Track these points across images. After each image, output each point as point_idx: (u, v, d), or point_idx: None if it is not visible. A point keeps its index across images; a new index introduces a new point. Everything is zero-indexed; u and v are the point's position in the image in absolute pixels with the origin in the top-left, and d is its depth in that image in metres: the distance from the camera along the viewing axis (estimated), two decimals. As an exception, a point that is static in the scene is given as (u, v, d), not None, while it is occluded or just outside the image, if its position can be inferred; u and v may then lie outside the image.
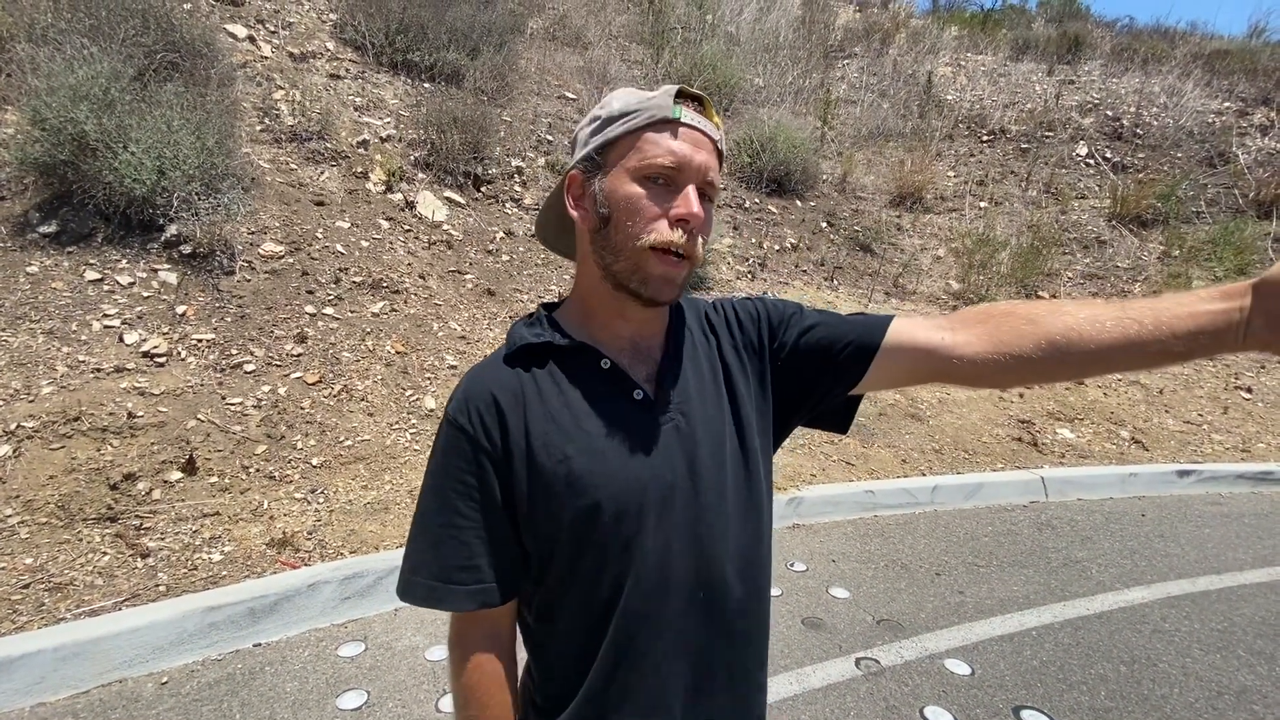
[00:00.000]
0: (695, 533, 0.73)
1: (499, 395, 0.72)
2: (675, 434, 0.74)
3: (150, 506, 2.75)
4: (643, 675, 0.73)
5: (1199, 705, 2.27)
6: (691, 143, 0.69)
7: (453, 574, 0.71)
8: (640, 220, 0.68)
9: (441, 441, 0.74)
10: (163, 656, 2.19)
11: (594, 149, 0.72)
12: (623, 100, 0.72)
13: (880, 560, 3.14)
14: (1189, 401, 5.30)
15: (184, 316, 3.56)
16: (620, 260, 0.70)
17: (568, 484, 0.70)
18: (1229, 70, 9.83)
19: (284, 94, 5.08)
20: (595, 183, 0.72)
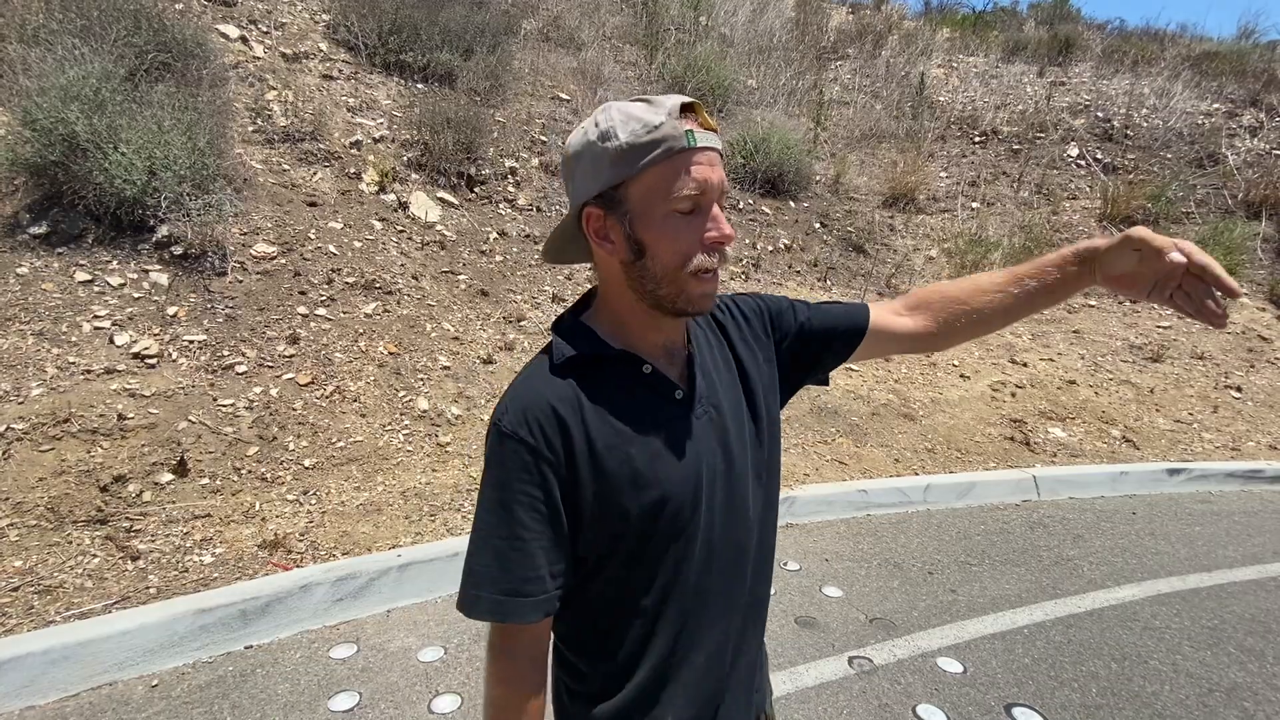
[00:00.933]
0: (731, 509, 0.83)
1: (557, 405, 0.75)
2: (710, 425, 0.82)
3: (141, 508, 2.74)
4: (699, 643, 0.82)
5: (1189, 702, 2.29)
6: (707, 163, 0.72)
7: (520, 587, 0.74)
8: (679, 253, 0.73)
9: (500, 455, 0.75)
10: (153, 659, 2.17)
11: (609, 185, 0.73)
12: (628, 130, 0.71)
13: (873, 559, 3.15)
14: (1179, 400, 5.34)
15: (175, 318, 3.54)
16: (663, 287, 0.75)
17: (632, 482, 0.75)
18: (1218, 72, 9.91)
19: (276, 94, 5.06)
20: (621, 220, 0.74)
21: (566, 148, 0.79)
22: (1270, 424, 5.18)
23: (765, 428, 0.89)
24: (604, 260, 0.79)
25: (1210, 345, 6.22)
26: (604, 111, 0.74)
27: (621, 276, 0.77)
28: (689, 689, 0.82)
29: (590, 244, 0.79)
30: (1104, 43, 11.30)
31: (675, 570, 0.79)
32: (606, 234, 0.76)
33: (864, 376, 4.96)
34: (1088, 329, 6.32)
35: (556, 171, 5.98)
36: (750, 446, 0.86)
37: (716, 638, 0.84)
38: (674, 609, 0.80)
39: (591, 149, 0.74)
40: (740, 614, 0.87)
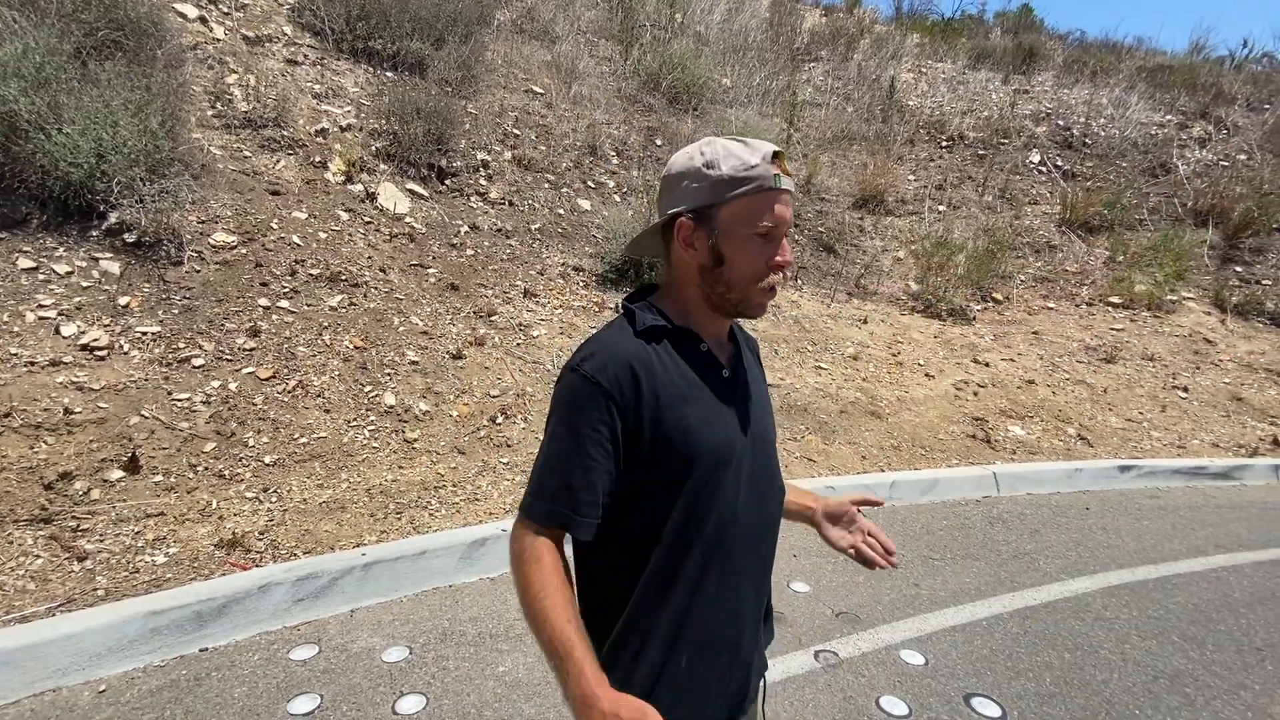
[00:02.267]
0: (755, 480, 0.98)
1: (633, 362, 0.89)
2: (746, 405, 0.99)
3: (88, 507, 2.63)
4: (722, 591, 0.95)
5: (1136, 690, 2.38)
6: (785, 204, 0.91)
7: (581, 506, 0.88)
8: (753, 270, 0.91)
9: (576, 395, 0.89)
10: (101, 663, 2.09)
11: (705, 205, 0.90)
12: (729, 164, 0.89)
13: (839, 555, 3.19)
14: (1130, 400, 5.55)
15: (127, 308, 3.40)
16: (732, 293, 0.93)
17: (685, 435, 0.90)
18: (1171, 84, 10.31)
19: (237, 78, 4.89)
20: (709, 234, 0.91)
21: (669, 166, 0.96)
22: (1214, 423, 5.42)
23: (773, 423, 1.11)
24: (684, 261, 0.95)
25: (1160, 348, 6.48)
26: (709, 145, 0.92)
27: (696, 277, 0.95)
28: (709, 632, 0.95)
29: (674, 246, 0.95)
30: (1065, 53, 11.65)
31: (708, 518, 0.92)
32: (693, 242, 0.92)
33: (833, 375, 5.03)
34: (1046, 330, 6.52)
35: (529, 165, 5.91)
36: (771, 433, 1.06)
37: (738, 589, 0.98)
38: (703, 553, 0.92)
39: (694, 172, 0.91)
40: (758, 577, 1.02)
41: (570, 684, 0.80)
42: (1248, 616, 2.93)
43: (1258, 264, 7.78)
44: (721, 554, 0.94)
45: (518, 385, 3.97)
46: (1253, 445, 5.13)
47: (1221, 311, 7.24)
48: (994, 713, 2.20)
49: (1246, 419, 5.56)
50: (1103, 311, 7.03)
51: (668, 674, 0.92)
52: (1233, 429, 5.37)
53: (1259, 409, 5.72)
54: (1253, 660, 2.60)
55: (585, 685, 0.79)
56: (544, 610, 0.83)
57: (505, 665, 2.26)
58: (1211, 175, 8.58)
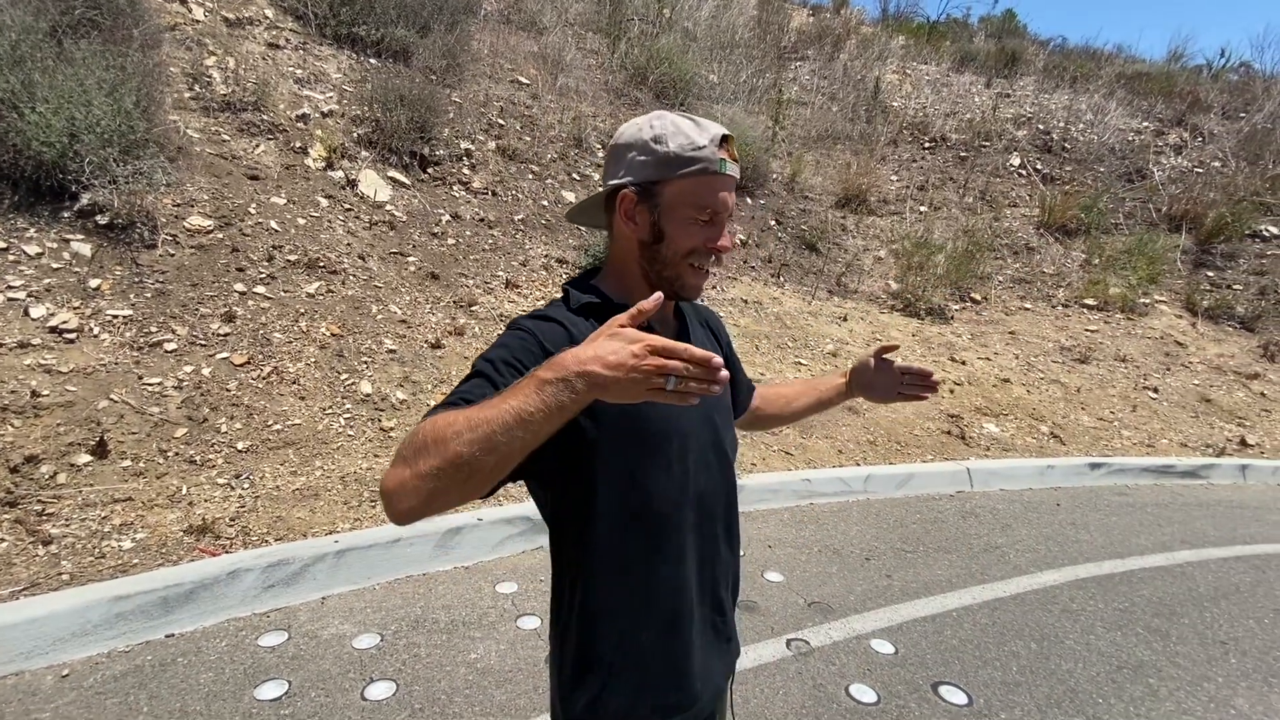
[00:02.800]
0: (703, 457, 0.96)
1: (570, 328, 0.88)
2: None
3: (54, 491, 2.57)
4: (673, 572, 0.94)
5: (1100, 679, 2.43)
6: (728, 189, 0.91)
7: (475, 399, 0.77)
8: (687, 248, 0.90)
9: (510, 338, 0.86)
10: (64, 648, 2.05)
11: (650, 180, 0.89)
12: (676, 142, 0.87)
13: (814, 546, 3.23)
14: (1102, 400, 5.66)
15: (98, 290, 3.33)
16: (667, 270, 0.92)
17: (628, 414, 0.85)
18: (1148, 92, 10.51)
19: (216, 60, 4.81)
20: (650, 209, 0.90)
21: (618, 136, 0.93)
22: (1182, 423, 5.54)
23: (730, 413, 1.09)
24: (624, 235, 0.94)
25: (1132, 349, 6.61)
26: (660, 118, 0.90)
27: (635, 251, 0.93)
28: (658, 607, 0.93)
29: (615, 219, 0.94)
30: (1046, 58, 11.82)
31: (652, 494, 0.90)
32: (634, 216, 0.91)
33: (812, 371, 5.07)
34: (1023, 330, 6.62)
35: (514, 156, 5.88)
36: (725, 413, 1.05)
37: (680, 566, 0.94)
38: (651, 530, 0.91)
39: (642, 145, 0.89)
40: (711, 561, 1.00)
41: (540, 384, 0.67)
42: (1211, 611, 3.00)
43: (1228, 269, 7.96)
44: (671, 531, 0.92)
45: (498, 376, 3.95)
46: (1220, 445, 5.26)
47: (1192, 315, 7.40)
48: (961, 700, 2.24)
49: (1214, 420, 5.69)
50: (1078, 313, 7.16)
51: (630, 651, 0.91)
52: (1201, 429, 5.50)
53: (1227, 410, 5.86)
54: (1216, 653, 2.67)
55: (545, 370, 0.68)
56: (463, 416, 0.69)
57: (477, 652, 2.25)
58: (1186, 181, 8.76)
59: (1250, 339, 7.15)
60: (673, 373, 0.65)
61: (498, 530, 2.88)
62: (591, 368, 0.65)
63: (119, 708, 1.90)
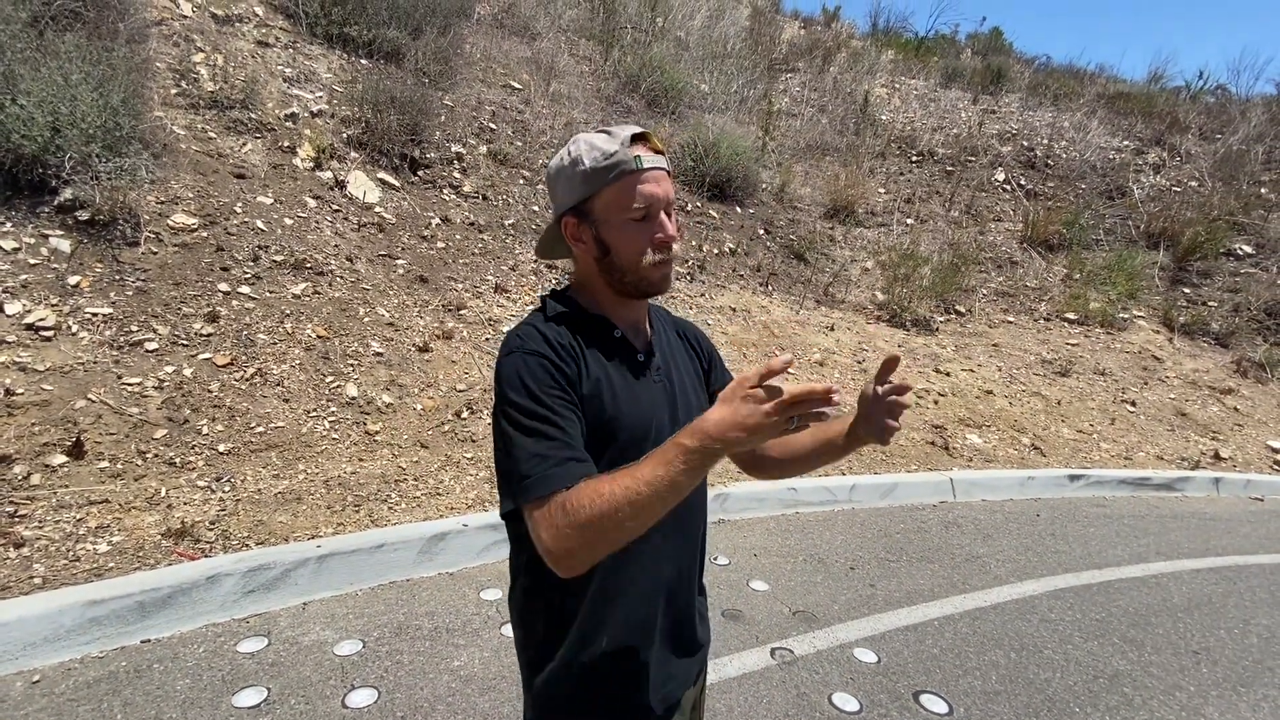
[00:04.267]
0: None
1: (556, 336, 0.91)
2: (664, 389, 1.01)
3: (28, 492, 2.52)
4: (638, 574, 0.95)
5: (1077, 688, 2.47)
6: (654, 181, 0.92)
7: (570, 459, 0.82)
8: (635, 251, 0.93)
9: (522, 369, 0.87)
10: (35, 653, 2.00)
11: (579, 200, 0.93)
12: (590, 157, 0.91)
13: (799, 555, 3.25)
14: (1082, 413, 5.75)
15: (77, 288, 3.27)
16: (628, 276, 0.95)
17: (600, 410, 0.90)
18: (1129, 111, 10.75)
19: (204, 57, 4.76)
20: (590, 226, 0.94)
21: (548, 170, 0.99)
22: (1159, 436, 5.65)
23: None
24: (580, 257, 0.99)
25: (1111, 363, 6.74)
26: (574, 142, 0.94)
27: (595, 269, 0.97)
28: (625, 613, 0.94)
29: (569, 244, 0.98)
30: (1031, 76, 12.05)
31: None
32: (580, 237, 0.96)
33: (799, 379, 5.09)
34: (1006, 343, 6.72)
35: (505, 160, 5.88)
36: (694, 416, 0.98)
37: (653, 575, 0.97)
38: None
39: (564, 171, 0.94)
40: (674, 562, 1.01)
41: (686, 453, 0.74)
42: (1185, 621, 3.06)
43: (1204, 286, 8.15)
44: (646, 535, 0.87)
45: (485, 380, 3.94)
46: (1195, 459, 5.37)
47: (1169, 330, 7.56)
48: (941, 709, 2.26)
49: (1190, 433, 5.81)
50: (1059, 326, 7.28)
51: (590, 655, 0.93)
52: (1176, 443, 5.61)
53: (1201, 424, 5.98)
54: (1189, 663, 2.72)
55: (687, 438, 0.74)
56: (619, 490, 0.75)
57: (460, 660, 2.24)
58: (1164, 200, 8.97)
59: (1224, 355, 7.32)
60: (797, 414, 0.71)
61: (483, 536, 2.86)
62: (733, 434, 0.73)
63: (92, 715, 1.86)
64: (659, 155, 0.93)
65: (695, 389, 1.08)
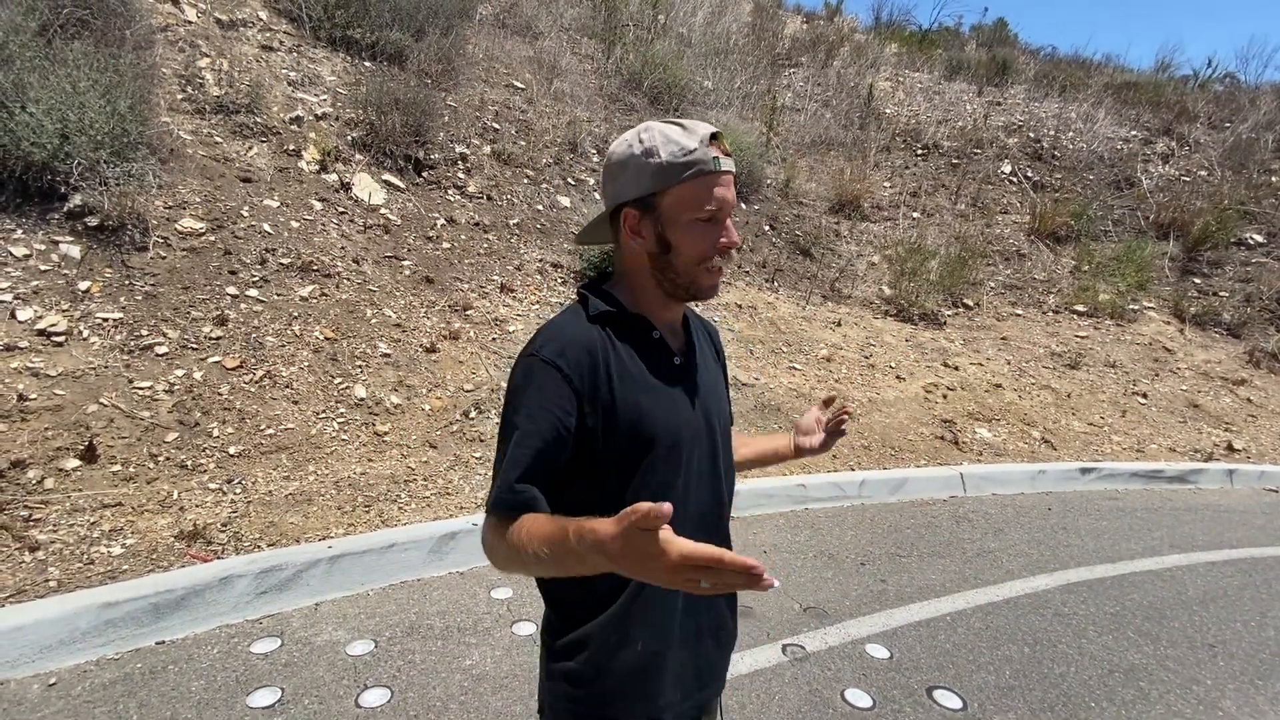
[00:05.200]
0: (705, 467, 0.98)
1: (591, 347, 0.89)
2: (698, 392, 1.00)
3: (42, 496, 2.54)
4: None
5: (1092, 682, 2.45)
6: (726, 185, 0.90)
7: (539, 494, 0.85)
8: (698, 254, 0.91)
9: (535, 378, 0.87)
10: (51, 656, 2.02)
11: (647, 193, 0.90)
12: (667, 151, 0.87)
13: (809, 551, 3.24)
14: (1093, 405, 5.71)
15: (88, 293, 3.30)
16: (681, 278, 0.93)
17: (637, 420, 0.90)
18: (1137, 101, 10.65)
19: (209, 62, 4.78)
20: (654, 222, 0.91)
21: (609, 155, 0.94)
22: (1171, 428, 5.60)
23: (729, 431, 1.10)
24: (633, 251, 0.94)
25: (1121, 355, 6.68)
26: (647, 130, 0.90)
27: (646, 265, 0.94)
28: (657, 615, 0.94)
29: (622, 236, 0.94)
30: (1037, 67, 11.95)
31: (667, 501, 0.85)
32: (640, 231, 0.92)
33: (806, 376, 5.09)
34: (1014, 336, 6.68)
35: (509, 160, 5.88)
36: (724, 422, 1.06)
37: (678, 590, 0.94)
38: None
39: (634, 161, 0.90)
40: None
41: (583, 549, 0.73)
42: (1200, 614, 3.03)
43: (1215, 276, 8.07)
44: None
45: (492, 380, 3.94)
46: (1208, 450, 5.32)
47: (1180, 321, 7.49)
48: (955, 704, 2.25)
49: (1202, 425, 5.76)
50: (1068, 319, 7.22)
51: (623, 661, 0.92)
52: (1189, 434, 5.56)
53: (1214, 415, 5.93)
54: (1205, 656, 2.69)
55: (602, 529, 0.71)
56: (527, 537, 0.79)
57: (472, 659, 2.24)
58: (1173, 190, 8.88)
59: (1237, 345, 7.24)
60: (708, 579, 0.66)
61: (492, 535, 2.87)
62: (635, 575, 0.71)
63: (108, 716, 1.87)
64: (730, 159, 0.91)
65: (722, 390, 1.10)
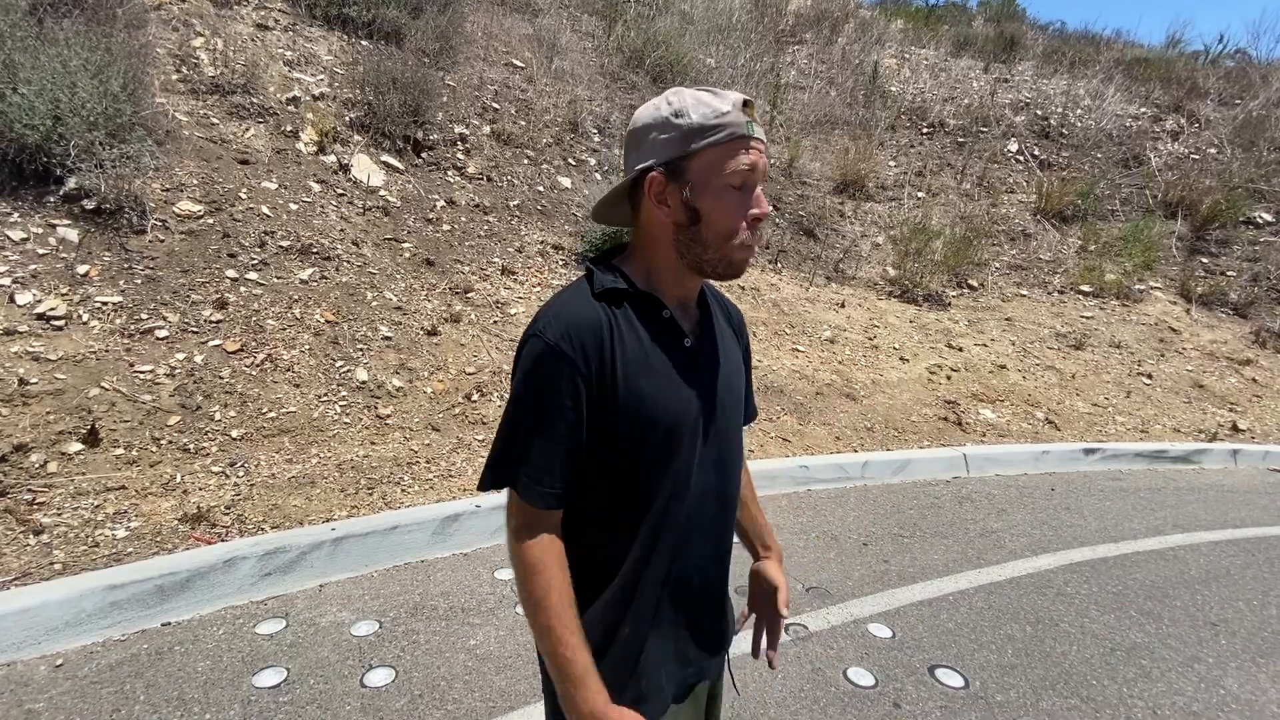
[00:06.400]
0: (712, 453, 0.95)
1: (596, 328, 0.87)
2: (709, 375, 0.96)
3: (45, 480, 2.55)
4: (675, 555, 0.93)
5: (1094, 661, 2.45)
6: (758, 151, 0.86)
7: (541, 476, 0.86)
8: (728, 224, 0.86)
9: (539, 361, 0.86)
10: (57, 638, 2.03)
11: (676, 157, 0.85)
12: (699, 112, 0.84)
13: (812, 532, 3.24)
14: (1097, 386, 5.68)
15: (86, 277, 3.28)
16: (710, 252, 0.88)
17: (639, 405, 0.87)
18: (1146, 77, 10.46)
19: (204, 41, 4.71)
20: (681, 188, 0.86)
21: (634, 120, 0.90)
22: (1175, 409, 5.58)
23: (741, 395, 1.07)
24: (656, 221, 0.90)
25: (1127, 335, 6.64)
26: (676, 94, 0.87)
27: (670, 237, 0.89)
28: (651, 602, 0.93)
29: (645, 204, 0.90)
30: (1045, 43, 11.74)
31: (659, 490, 0.90)
32: (665, 198, 0.87)
33: (809, 358, 5.07)
34: (1019, 317, 6.63)
35: (509, 140, 5.81)
36: (735, 406, 1.02)
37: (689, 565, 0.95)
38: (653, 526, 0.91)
39: (661, 123, 0.86)
40: (713, 544, 0.99)
41: (578, 700, 0.83)
42: (1203, 593, 3.03)
43: (1223, 255, 7.98)
44: (672, 527, 0.91)
45: (494, 363, 3.93)
46: (1212, 430, 5.30)
47: (1186, 301, 7.43)
48: (957, 683, 2.25)
49: (1207, 405, 5.73)
50: (1073, 299, 7.17)
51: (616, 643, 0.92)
52: (1193, 415, 5.53)
53: (1219, 396, 5.90)
54: (1207, 635, 2.70)
55: (592, 702, 0.82)
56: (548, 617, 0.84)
57: (476, 639, 2.25)
58: (1182, 168, 8.75)
59: (1243, 325, 7.19)
60: None
61: (496, 517, 2.87)
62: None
63: (115, 697, 1.89)
64: (760, 127, 0.87)
65: (739, 373, 1.05)
